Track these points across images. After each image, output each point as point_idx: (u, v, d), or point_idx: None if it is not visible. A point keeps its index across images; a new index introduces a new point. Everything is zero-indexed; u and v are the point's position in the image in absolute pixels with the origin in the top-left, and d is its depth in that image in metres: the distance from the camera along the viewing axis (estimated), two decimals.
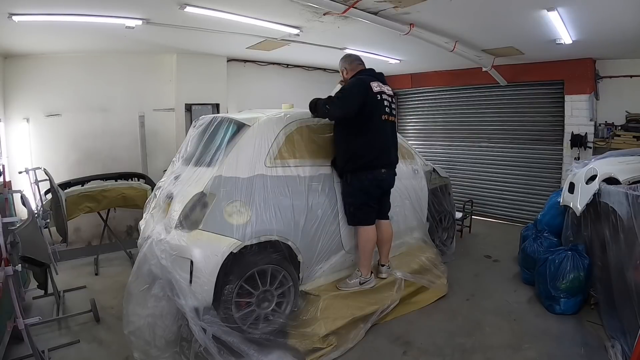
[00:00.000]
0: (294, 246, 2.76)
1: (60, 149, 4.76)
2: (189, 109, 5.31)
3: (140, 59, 5.10)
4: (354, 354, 2.66)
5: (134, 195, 4.34)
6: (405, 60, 5.77)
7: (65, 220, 3.54)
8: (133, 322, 2.49)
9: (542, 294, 3.29)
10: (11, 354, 2.54)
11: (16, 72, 4.49)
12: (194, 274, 2.39)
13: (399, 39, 3.93)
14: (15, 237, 2.24)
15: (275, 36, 4.30)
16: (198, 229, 2.50)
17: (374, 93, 2.91)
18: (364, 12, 3.26)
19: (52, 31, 3.76)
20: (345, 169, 2.95)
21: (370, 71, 3.12)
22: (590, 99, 5.10)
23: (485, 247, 4.91)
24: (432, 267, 3.53)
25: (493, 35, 4.26)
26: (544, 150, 5.73)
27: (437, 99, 7.04)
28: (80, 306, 3.26)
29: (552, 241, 3.63)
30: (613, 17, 3.37)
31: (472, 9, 3.35)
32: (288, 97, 3.01)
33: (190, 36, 4.15)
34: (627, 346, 2.41)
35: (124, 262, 4.40)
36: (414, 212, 3.76)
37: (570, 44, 4.13)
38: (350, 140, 2.92)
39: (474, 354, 2.67)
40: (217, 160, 2.71)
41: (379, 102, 2.93)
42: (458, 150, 6.73)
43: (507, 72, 5.63)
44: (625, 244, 2.56)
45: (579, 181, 3.37)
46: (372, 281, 3.06)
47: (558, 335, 2.86)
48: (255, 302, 2.61)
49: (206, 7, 3.21)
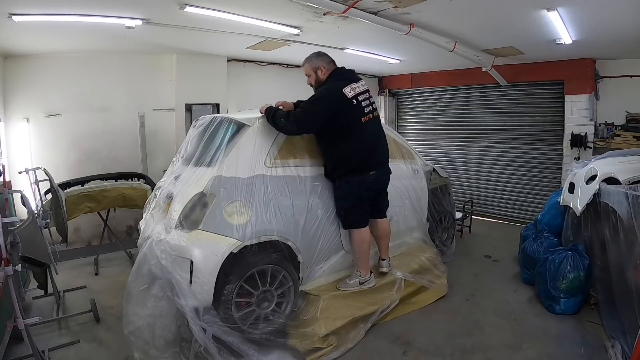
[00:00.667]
0: (294, 246, 2.76)
1: (60, 149, 4.76)
2: (189, 109, 5.30)
3: (140, 59, 5.09)
4: (354, 354, 2.66)
5: (134, 195, 4.35)
6: (405, 60, 5.77)
7: (65, 220, 3.54)
8: (133, 322, 2.49)
9: (542, 294, 3.29)
10: (11, 354, 2.54)
11: (16, 72, 4.48)
12: (194, 274, 2.39)
13: (399, 39, 3.92)
14: (15, 237, 2.24)
15: (275, 36, 4.30)
16: (198, 229, 2.50)
17: (348, 100, 2.82)
18: (364, 12, 3.26)
19: (52, 31, 3.76)
20: (334, 175, 2.93)
21: (341, 72, 2.99)
22: (590, 99, 5.10)
23: (485, 247, 4.91)
24: (432, 267, 3.53)
25: (493, 35, 4.25)
26: (544, 150, 5.73)
27: (437, 99, 7.04)
28: (80, 306, 3.27)
29: (552, 241, 3.63)
30: (613, 17, 3.36)
31: (472, 9, 3.34)
32: (288, 97, 2.99)
33: (190, 36, 4.15)
34: (627, 346, 2.41)
35: (124, 262, 4.40)
36: (414, 212, 3.76)
37: (570, 44, 4.12)
38: (334, 147, 2.87)
39: (474, 354, 2.67)
40: (217, 160, 2.71)
41: (356, 107, 2.84)
42: (458, 150, 6.72)
43: (507, 72, 5.62)
44: (625, 244, 2.56)
45: (579, 181, 3.37)
46: (372, 281, 3.06)
47: (558, 335, 2.86)
48: (255, 302, 2.61)
49: (206, 7, 3.21)
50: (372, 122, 2.95)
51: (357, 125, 2.86)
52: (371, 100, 2.98)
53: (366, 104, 2.92)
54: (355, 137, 2.85)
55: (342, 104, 2.80)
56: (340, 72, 3.00)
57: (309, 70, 3.01)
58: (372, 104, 2.97)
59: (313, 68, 2.99)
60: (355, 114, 2.86)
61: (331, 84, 2.90)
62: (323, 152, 2.99)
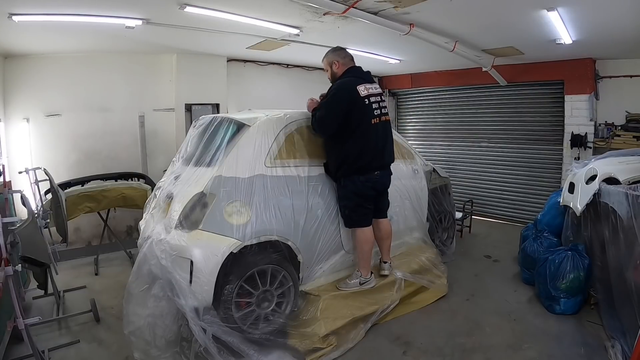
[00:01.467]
0: (294, 246, 2.76)
1: (60, 149, 4.76)
2: (189, 109, 5.30)
3: (140, 59, 5.09)
4: (354, 354, 2.66)
5: (134, 195, 4.35)
6: (405, 60, 5.77)
7: (65, 220, 3.54)
8: (133, 322, 2.49)
9: (542, 294, 3.29)
10: (11, 354, 2.55)
11: (16, 72, 4.48)
12: (194, 274, 2.39)
13: (399, 39, 3.92)
14: (15, 237, 2.24)
15: (275, 36, 4.30)
16: (198, 229, 2.50)
17: (361, 98, 2.83)
18: (364, 12, 3.26)
19: (52, 31, 3.76)
20: (338, 174, 2.93)
21: (358, 70, 3.02)
22: (590, 99, 5.10)
23: (485, 247, 4.91)
24: (432, 267, 3.53)
25: (493, 35, 4.25)
26: (544, 150, 5.73)
27: (437, 99, 7.04)
28: (80, 306, 3.27)
29: (552, 241, 3.63)
30: (613, 17, 3.36)
31: (472, 9, 3.34)
32: (288, 97, 2.99)
33: (190, 36, 4.15)
34: (627, 346, 2.41)
35: (124, 262, 4.40)
36: (414, 212, 3.76)
37: (570, 44, 4.12)
38: (341, 147, 2.87)
39: (474, 354, 2.67)
40: (217, 160, 2.71)
41: (367, 107, 2.86)
42: (458, 150, 6.72)
43: (507, 72, 5.62)
44: (625, 244, 2.56)
45: (579, 181, 3.37)
46: (372, 281, 3.06)
47: (558, 335, 2.86)
48: (255, 302, 2.61)
49: (206, 7, 3.21)
50: (381, 125, 2.95)
51: (366, 126, 2.86)
52: (382, 104, 2.99)
53: (377, 106, 2.92)
54: (363, 138, 2.85)
55: (355, 100, 2.82)
56: (356, 70, 3.02)
57: (326, 64, 3.08)
58: (382, 108, 2.97)
59: (329, 62, 3.05)
60: (365, 115, 2.86)
61: (345, 79, 2.93)
62: (327, 150, 3.00)
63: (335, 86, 2.94)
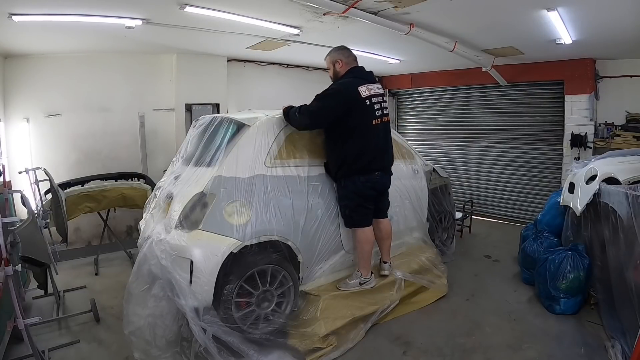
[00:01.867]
0: (294, 246, 2.76)
1: (60, 149, 4.76)
2: (189, 109, 5.30)
3: (140, 59, 5.09)
4: (354, 354, 2.66)
5: (134, 195, 4.35)
6: (405, 60, 5.77)
7: (65, 220, 3.54)
8: (133, 322, 2.49)
9: (542, 294, 3.29)
10: (11, 354, 2.55)
11: (16, 72, 4.48)
12: (194, 274, 2.39)
13: (399, 39, 3.92)
14: (15, 237, 2.24)
15: (275, 36, 4.30)
16: (198, 229, 2.50)
17: (362, 99, 2.82)
18: (364, 12, 3.26)
19: (52, 31, 3.76)
20: (338, 174, 2.92)
21: (360, 71, 3.01)
22: (590, 99, 5.10)
23: (485, 247, 4.91)
24: (432, 267, 3.53)
25: (493, 35, 4.25)
26: (544, 150, 5.73)
27: (437, 99, 7.04)
28: (80, 306, 3.26)
29: (552, 241, 3.63)
30: (613, 17, 3.36)
31: (472, 9, 3.34)
32: (288, 97, 2.99)
33: (190, 36, 4.15)
34: (627, 346, 2.41)
35: (124, 262, 4.40)
36: (414, 212, 3.75)
37: (570, 44, 4.12)
38: (341, 147, 2.86)
39: (474, 354, 2.67)
40: (217, 160, 2.71)
41: (368, 108, 2.84)
42: (458, 150, 6.72)
43: (507, 72, 5.62)
44: (625, 244, 2.56)
45: (579, 181, 3.37)
46: (372, 281, 3.06)
47: (558, 335, 2.87)
48: (255, 302, 2.61)
49: (206, 7, 3.21)
50: (382, 126, 2.94)
51: (367, 127, 2.85)
52: (384, 105, 2.98)
53: (378, 107, 2.91)
54: (364, 139, 2.84)
55: (356, 101, 2.80)
56: (359, 70, 3.01)
57: (329, 62, 3.06)
58: (384, 109, 2.96)
59: (332, 60, 3.03)
60: (366, 116, 2.85)
61: (347, 80, 2.92)
62: (328, 150, 2.99)
63: (335, 86, 2.93)
